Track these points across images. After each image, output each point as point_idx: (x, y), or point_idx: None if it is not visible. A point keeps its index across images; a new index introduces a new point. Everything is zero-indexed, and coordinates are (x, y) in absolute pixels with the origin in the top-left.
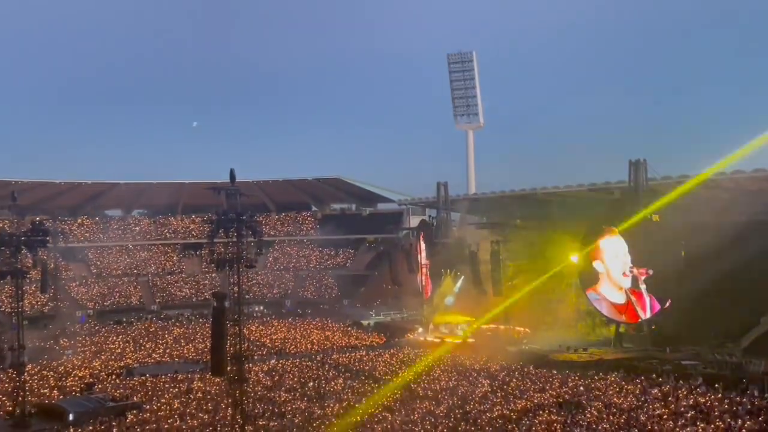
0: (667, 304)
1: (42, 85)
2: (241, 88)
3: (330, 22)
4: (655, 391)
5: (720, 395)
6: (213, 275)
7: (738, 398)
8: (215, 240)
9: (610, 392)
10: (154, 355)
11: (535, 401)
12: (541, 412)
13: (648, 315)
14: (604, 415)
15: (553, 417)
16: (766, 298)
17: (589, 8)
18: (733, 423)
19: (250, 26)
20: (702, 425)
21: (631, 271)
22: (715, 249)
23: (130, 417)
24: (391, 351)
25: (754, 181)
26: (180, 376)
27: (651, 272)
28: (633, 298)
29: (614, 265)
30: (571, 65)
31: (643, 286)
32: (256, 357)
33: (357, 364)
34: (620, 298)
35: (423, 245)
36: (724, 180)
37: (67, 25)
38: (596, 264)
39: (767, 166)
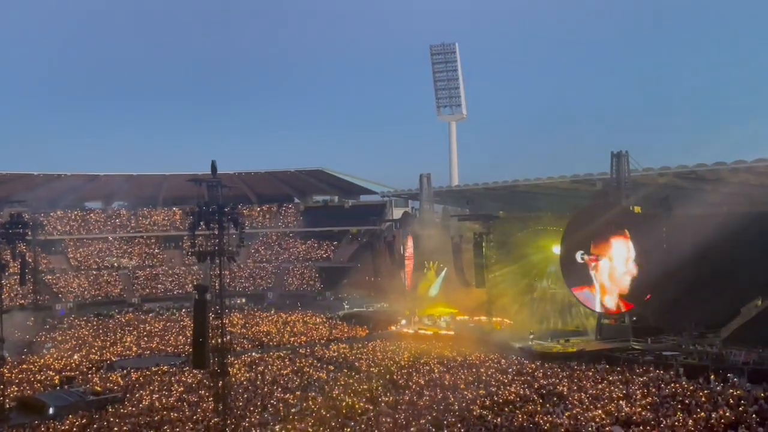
0: (647, 298)
1: (20, 77)
2: (222, 81)
3: (312, 14)
4: (637, 381)
5: (700, 385)
6: (194, 268)
7: (718, 388)
8: (196, 232)
9: (592, 383)
10: (135, 348)
11: (518, 392)
12: (523, 403)
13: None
14: (586, 406)
15: (536, 408)
16: (746, 288)
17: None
18: (713, 413)
19: (232, 20)
20: (683, 415)
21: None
22: (696, 241)
23: (110, 410)
24: (375, 343)
25: (736, 174)
26: (161, 369)
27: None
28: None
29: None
30: (554, 57)
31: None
32: (238, 350)
33: (340, 356)
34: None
35: (406, 237)
36: (705, 172)
37: (42, 17)
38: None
39: (749, 158)
